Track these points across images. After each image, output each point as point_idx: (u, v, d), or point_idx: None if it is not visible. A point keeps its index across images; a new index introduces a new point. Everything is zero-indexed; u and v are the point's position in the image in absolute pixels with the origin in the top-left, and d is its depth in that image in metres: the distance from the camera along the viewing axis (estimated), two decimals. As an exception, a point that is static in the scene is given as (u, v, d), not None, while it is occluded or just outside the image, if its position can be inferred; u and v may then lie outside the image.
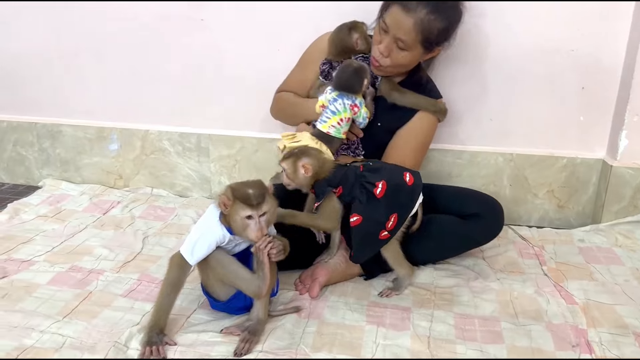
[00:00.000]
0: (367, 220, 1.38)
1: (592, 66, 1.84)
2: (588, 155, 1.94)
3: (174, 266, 1.26)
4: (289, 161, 1.39)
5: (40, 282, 1.50)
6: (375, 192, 1.37)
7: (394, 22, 1.50)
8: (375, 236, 1.40)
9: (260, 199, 1.22)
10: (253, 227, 1.23)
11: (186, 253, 1.25)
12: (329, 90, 1.54)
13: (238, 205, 1.22)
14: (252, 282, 1.25)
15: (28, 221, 1.89)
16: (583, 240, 1.83)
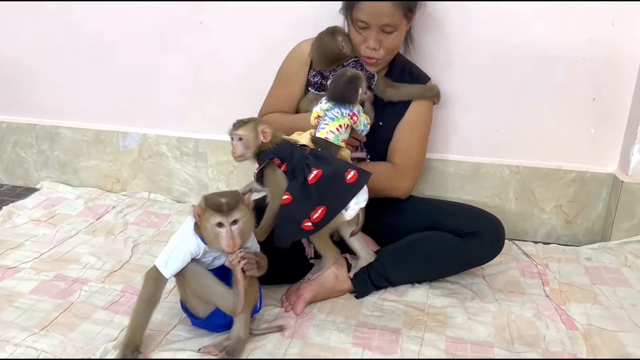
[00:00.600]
0: (295, 203, 1.32)
1: (604, 76, 1.75)
2: (598, 170, 1.85)
3: (149, 281, 1.22)
4: (248, 127, 1.34)
5: (23, 290, 1.47)
6: (309, 177, 1.32)
7: (372, 13, 1.46)
8: (298, 223, 1.32)
9: (232, 206, 1.17)
10: (224, 235, 1.17)
11: (160, 265, 1.21)
12: (324, 100, 1.48)
13: (209, 212, 1.17)
14: (228, 299, 1.20)
15: (20, 225, 1.87)
16: (590, 259, 1.75)
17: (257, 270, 1.22)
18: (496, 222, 1.55)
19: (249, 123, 1.36)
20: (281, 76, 1.68)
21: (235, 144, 1.36)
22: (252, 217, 1.22)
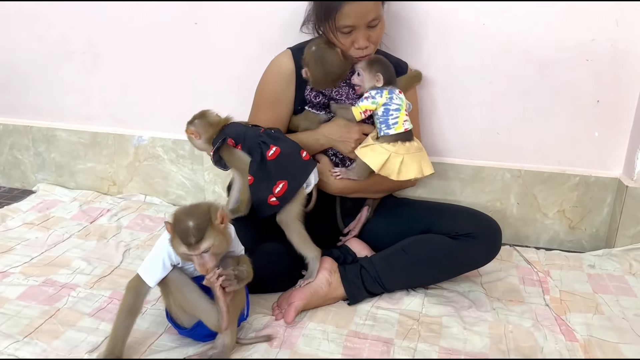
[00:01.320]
0: (257, 182, 1.40)
1: (608, 78, 1.70)
2: (603, 174, 1.79)
3: (130, 290, 1.19)
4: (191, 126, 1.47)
5: (10, 296, 1.45)
6: (268, 154, 1.38)
7: (358, 15, 1.42)
8: (264, 201, 1.39)
9: (199, 236, 1.10)
10: (195, 262, 1.14)
11: (143, 273, 1.18)
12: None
13: (177, 240, 1.13)
14: (212, 315, 1.17)
15: (13, 228, 1.85)
16: (593, 266, 1.69)
17: (237, 283, 1.18)
18: (492, 223, 1.51)
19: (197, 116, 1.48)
20: (266, 99, 1.59)
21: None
22: (225, 235, 1.17)
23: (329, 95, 1.53)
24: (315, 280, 1.43)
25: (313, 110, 1.55)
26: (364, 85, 1.47)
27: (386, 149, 1.44)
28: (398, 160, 1.44)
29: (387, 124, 1.46)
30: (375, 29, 1.47)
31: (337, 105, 1.52)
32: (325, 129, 1.53)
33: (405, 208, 1.64)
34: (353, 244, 1.60)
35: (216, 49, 1.92)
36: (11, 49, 2.13)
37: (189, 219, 1.11)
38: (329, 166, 1.55)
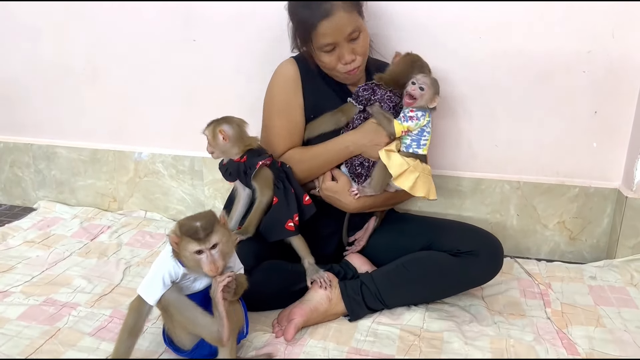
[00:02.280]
0: (281, 205, 1.42)
1: (606, 89, 1.70)
2: (602, 185, 1.79)
3: (132, 310, 1.19)
4: (208, 128, 1.46)
5: (10, 316, 1.45)
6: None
7: (335, 30, 1.42)
8: (282, 223, 1.42)
9: (209, 230, 1.13)
10: (205, 261, 1.14)
11: (143, 292, 1.18)
12: (422, 114, 1.46)
13: (185, 240, 1.14)
14: (212, 327, 1.16)
15: (14, 247, 1.85)
16: (595, 278, 1.69)
17: (233, 293, 1.18)
18: (494, 240, 1.50)
19: (212, 124, 1.47)
20: (278, 108, 1.58)
21: (207, 147, 1.49)
22: (230, 236, 1.19)
23: (380, 97, 1.50)
24: (316, 297, 1.43)
25: (353, 101, 1.53)
26: (420, 102, 1.45)
27: (406, 162, 1.46)
28: (414, 176, 1.46)
29: (418, 143, 1.48)
30: (358, 41, 1.47)
31: (380, 111, 1.49)
32: (353, 135, 1.51)
33: (407, 224, 1.64)
34: (354, 259, 1.59)
35: (215, 65, 1.93)
36: (11, 67, 2.14)
37: (195, 220, 1.14)
38: (347, 186, 1.53)
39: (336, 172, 1.55)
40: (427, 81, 1.45)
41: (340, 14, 1.42)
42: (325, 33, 1.42)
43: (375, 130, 1.49)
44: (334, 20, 1.41)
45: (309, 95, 1.56)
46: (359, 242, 1.63)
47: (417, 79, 1.45)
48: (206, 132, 1.46)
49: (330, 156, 1.53)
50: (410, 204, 1.91)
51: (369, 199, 1.53)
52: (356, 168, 1.53)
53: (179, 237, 1.14)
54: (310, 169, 1.55)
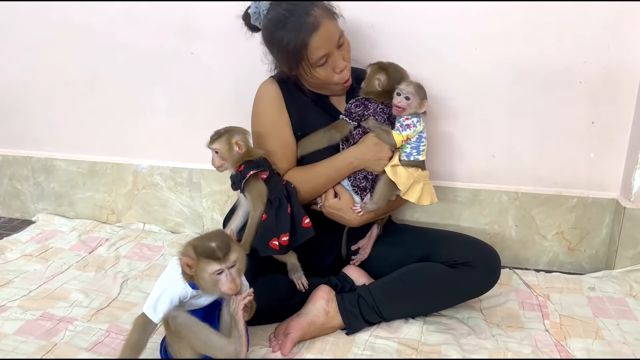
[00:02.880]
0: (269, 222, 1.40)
1: (602, 99, 1.71)
2: (600, 195, 1.79)
3: (136, 327, 1.18)
4: (222, 140, 1.41)
5: (7, 331, 1.45)
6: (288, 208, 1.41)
7: (325, 42, 1.43)
8: (267, 240, 1.39)
9: (226, 249, 1.15)
10: (225, 280, 1.15)
11: (149, 310, 1.18)
12: (417, 120, 1.47)
13: (203, 262, 1.14)
14: (229, 348, 1.16)
15: (12, 261, 1.85)
16: (594, 289, 1.68)
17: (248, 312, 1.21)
18: (491, 251, 1.50)
19: (223, 136, 1.42)
20: (269, 130, 1.56)
21: (213, 156, 1.44)
22: (244, 253, 1.20)
23: (372, 111, 1.50)
24: (313, 310, 1.42)
25: (346, 119, 1.53)
26: (409, 110, 1.46)
27: (411, 174, 1.47)
28: (420, 187, 1.48)
29: (418, 150, 1.49)
30: (344, 46, 1.49)
31: (377, 125, 1.49)
32: (356, 151, 1.51)
33: (404, 235, 1.64)
34: (351, 271, 1.59)
35: (213, 78, 1.94)
36: (10, 81, 2.15)
37: (209, 240, 1.15)
38: (350, 203, 1.53)
39: (338, 188, 1.55)
40: (411, 90, 1.45)
41: (326, 23, 1.43)
42: (318, 46, 1.42)
43: (377, 144, 1.49)
44: (323, 31, 1.42)
45: (294, 112, 1.56)
46: (364, 250, 1.62)
47: (401, 90, 1.46)
48: (216, 146, 1.41)
49: (334, 173, 1.53)
50: (409, 214, 1.91)
51: (372, 212, 1.54)
52: (360, 182, 1.53)
53: (194, 259, 1.14)
54: (314, 188, 1.54)
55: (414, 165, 1.49)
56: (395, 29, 1.75)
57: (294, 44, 1.42)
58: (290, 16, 1.42)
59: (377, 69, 1.51)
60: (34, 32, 2.06)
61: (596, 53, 1.66)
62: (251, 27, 1.54)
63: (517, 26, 1.68)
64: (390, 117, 1.52)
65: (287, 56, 1.46)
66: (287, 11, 1.43)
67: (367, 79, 1.52)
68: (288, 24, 1.42)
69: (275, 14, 1.44)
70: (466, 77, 1.75)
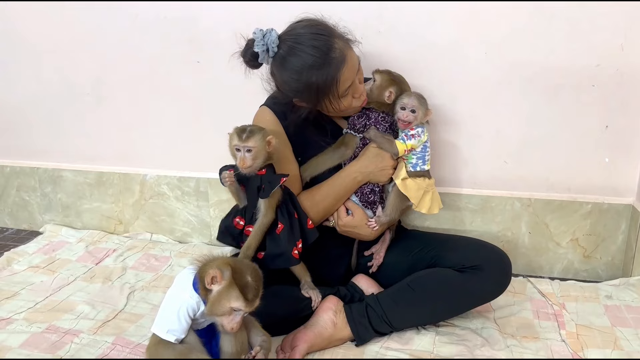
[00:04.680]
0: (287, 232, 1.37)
1: (616, 103, 1.67)
2: (615, 201, 1.75)
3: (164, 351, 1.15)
4: (258, 137, 1.33)
5: (12, 344, 1.43)
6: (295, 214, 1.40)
7: (350, 73, 1.39)
8: (289, 251, 1.36)
9: (257, 294, 1.14)
10: (235, 320, 1.13)
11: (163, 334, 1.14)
12: (421, 130, 1.46)
13: (234, 292, 1.11)
14: None
15: (18, 272, 1.84)
16: (611, 297, 1.64)
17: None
18: (500, 254, 1.47)
19: (258, 133, 1.33)
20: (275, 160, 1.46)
21: (244, 156, 1.33)
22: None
23: (374, 120, 1.49)
24: (320, 321, 1.39)
25: (351, 132, 1.52)
26: (415, 123, 1.45)
27: (420, 185, 1.47)
28: (429, 197, 1.49)
29: (423, 160, 1.49)
30: (359, 72, 1.46)
31: (379, 134, 1.47)
32: (357, 165, 1.49)
33: (412, 241, 1.60)
34: (361, 281, 1.56)
35: (219, 87, 1.92)
36: (16, 93, 2.15)
37: (248, 274, 1.14)
38: (364, 219, 1.51)
39: (350, 204, 1.53)
40: (414, 103, 1.44)
41: (350, 54, 1.40)
42: (346, 79, 1.39)
43: (378, 154, 1.47)
44: (349, 63, 1.39)
45: (294, 138, 1.52)
46: (379, 254, 1.59)
47: (405, 104, 1.44)
48: (252, 143, 1.32)
49: (340, 191, 1.50)
50: (419, 222, 1.87)
51: (386, 224, 1.52)
52: (368, 196, 1.52)
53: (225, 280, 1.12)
54: (325, 210, 1.52)
55: (420, 175, 1.49)
56: (403, 34, 1.72)
57: (323, 82, 1.36)
58: (317, 55, 1.35)
59: (389, 81, 1.48)
60: (42, 43, 2.05)
61: (609, 55, 1.62)
62: (253, 65, 1.47)
63: (527, 29, 1.65)
64: (391, 125, 1.50)
65: (316, 93, 1.39)
66: (313, 49, 1.35)
67: (375, 88, 1.49)
68: (316, 64, 1.35)
69: (298, 55, 1.36)
70: (477, 81, 1.72)
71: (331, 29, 1.41)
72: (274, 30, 1.39)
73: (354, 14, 1.67)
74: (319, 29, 1.39)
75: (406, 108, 1.44)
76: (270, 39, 1.37)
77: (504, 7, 1.64)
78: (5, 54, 2.11)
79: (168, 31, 1.91)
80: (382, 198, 1.53)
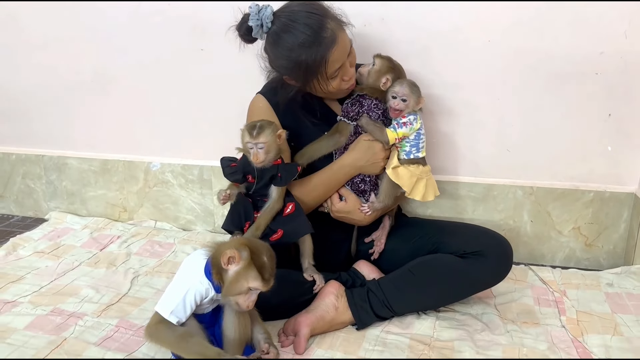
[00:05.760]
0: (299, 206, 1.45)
1: (619, 91, 1.66)
2: (618, 189, 1.75)
3: (161, 331, 1.16)
4: (268, 132, 1.37)
5: (17, 326, 1.45)
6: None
7: (340, 55, 1.41)
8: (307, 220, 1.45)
9: (273, 273, 1.16)
10: (250, 298, 1.16)
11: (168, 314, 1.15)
12: (413, 118, 1.45)
13: (252, 272, 1.13)
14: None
15: (24, 257, 1.86)
16: (612, 285, 1.64)
17: None
18: (501, 240, 1.48)
19: (268, 128, 1.38)
20: None
21: (257, 152, 1.38)
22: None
23: (367, 108, 1.50)
24: (321, 305, 1.40)
25: (345, 119, 1.52)
26: (407, 110, 1.46)
27: (413, 173, 1.47)
28: (423, 184, 1.48)
29: (417, 147, 1.48)
30: (352, 53, 1.47)
31: (370, 122, 1.48)
32: (349, 158, 1.50)
33: (414, 228, 1.61)
34: (362, 267, 1.57)
35: (223, 75, 1.93)
36: (22, 80, 2.17)
37: (264, 255, 1.16)
38: (357, 204, 1.52)
39: (343, 190, 1.54)
40: (406, 91, 1.44)
41: (342, 36, 1.41)
42: (335, 59, 1.40)
43: (369, 147, 1.48)
44: (340, 44, 1.40)
45: (286, 123, 1.52)
46: (379, 241, 1.60)
47: (396, 92, 1.45)
48: (263, 139, 1.37)
49: (331, 183, 1.52)
50: (421, 210, 1.88)
51: (379, 210, 1.53)
52: (359, 186, 1.53)
53: (244, 260, 1.13)
54: (315, 199, 1.54)
55: (414, 162, 1.48)
56: (407, 22, 1.73)
57: (312, 60, 1.38)
58: (308, 33, 1.37)
59: (388, 68, 1.49)
60: (46, 33, 2.07)
61: (612, 43, 1.62)
62: (247, 39, 1.49)
63: (530, 16, 1.65)
64: (384, 112, 1.50)
65: (305, 72, 1.41)
66: (305, 27, 1.37)
67: (374, 72, 1.49)
68: (306, 42, 1.37)
69: (291, 32, 1.39)
70: (480, 69, 1.73)
71: (325, 9, 1.42)
72: (270, 7, 1.41)
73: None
74: (313, 7, 1.40)
75: (397, 96, 1.44)
76: (264, 14, 1.40)
77: (508, -5, 1.64)
78: (11, 43, 2.13)
79: (171, 19, 1.92)
80: (376, 184, 1.53)
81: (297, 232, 1.44)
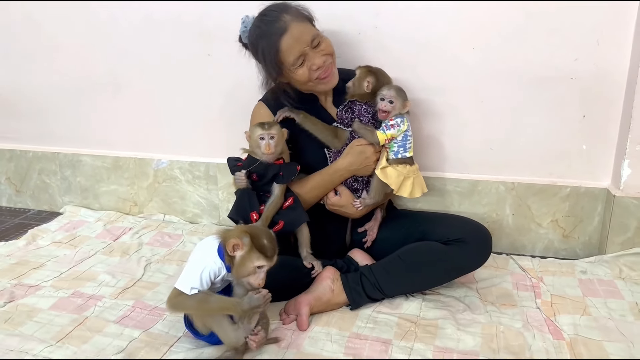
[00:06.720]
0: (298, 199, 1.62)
1: (593, 94, 1.81)
2: (592, 185, 1.89)
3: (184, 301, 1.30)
4: (277, 126, 1.56)
5: (42, 307, 1.59)
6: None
7: (295, 42, 1.55)
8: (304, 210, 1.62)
9: (275, 251, 1.30)
10: (260, 275, 1.30)
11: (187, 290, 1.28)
12: (401, 120, 1.60)
13: (255, 254, 1.27)
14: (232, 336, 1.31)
15: (43, 247, 2.00)
16: (585, 272, 1.79)
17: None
18: (481, 228, 1.63)
19: (276, 124, 1.59)
20: None
21: (269, 142, 1.56)
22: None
23: (357, 113, 1.65)
24: (319, 287, 1.55)
25: (341, 126, 1.68)
26: (393, 112, 1.60)
27: (400, 172, 1.61)
28: (410, 182, 1.63)
29: (404, 148, 1.62)
30: (321, 45, 1.60)
31: (361, 125, 1.63)
32: (343, 162, 1.65)
33: (403, 219, 1.77)
34: (356, 255, 1.71)
35: (228, 78, 2.08)
36: (39, 83, 2.32)
37: (264, 238, 1.29)
38: (350, 199, 1.68)
39: (338, 186, 1.70)
40: (392, 94, 1.59)
41: (294, 25, 1.56)
42: (289, 47, 1.56)
43: (361, 152, 1.63)
44: (292, 33, 1.55)
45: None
46: (372, 231, 1.75)
47: (383, 95, 1.59)
48: (274, 131, 1.55)
49: (327, 185, 1.68)
50: (411, 204, 2.02)
51: (370, 205, 1.69)
52: (352, 184, 1.69)
53: (247, 245, 1.27)
54: (313, 198, 1.70)
55: (402, 162, 1.63)
56: (398, 32, 1.87)
57: (268, 50, 1.57)
58: (262, 25, 1.58)
59: (366, 72, 1.64)
60: (61, 35, 2.22)
61: (586, 50, 1.77)
62: (243, 44, 1.69)
63: (511, 27, 1.79)
64: (374, 115, 1.65)
65: (267, 64, 1.60)
66: (260, 21, 1.59)
67: (355, 80, 1.65)
68: (261, 33, 1.57)
69: (252, 26, 1.61)
70: (466, 75, 1.87)
71: (285, 6, 1.59)
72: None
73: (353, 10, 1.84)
74: (274, 5, 1.60)
75: (385, 99, 1.59)
76: (247, 21, 1.61)
77: (490, 6, 1.79)
78: (27, 46, 2.28)
79: (180, 25, 2.07)
80: (368, 182, 1.69)
81: (296, 222, 1.60)
